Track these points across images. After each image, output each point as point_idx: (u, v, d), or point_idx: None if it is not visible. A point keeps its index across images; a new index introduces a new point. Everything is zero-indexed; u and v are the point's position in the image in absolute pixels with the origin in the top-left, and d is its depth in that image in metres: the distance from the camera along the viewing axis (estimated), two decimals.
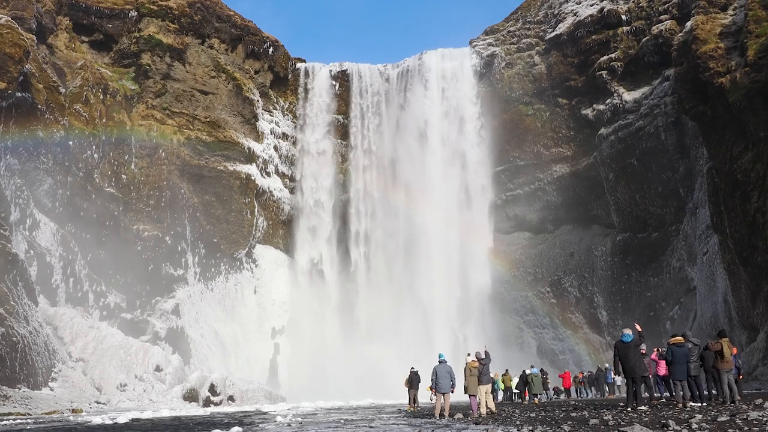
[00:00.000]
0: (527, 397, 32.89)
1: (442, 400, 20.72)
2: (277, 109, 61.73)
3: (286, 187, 60.83)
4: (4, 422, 24.10)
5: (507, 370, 35.25)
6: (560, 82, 54.62)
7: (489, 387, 21.01)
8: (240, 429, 16.40)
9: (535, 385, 32.30)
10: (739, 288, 36.06)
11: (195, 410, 33.37)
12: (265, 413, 27.83)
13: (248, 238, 57.13)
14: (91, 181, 48.18)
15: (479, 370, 20.61)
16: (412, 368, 28.94)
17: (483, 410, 20.32)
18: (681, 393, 18.18)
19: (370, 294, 57.56)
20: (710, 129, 37.85)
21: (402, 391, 42.86)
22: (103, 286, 46.93)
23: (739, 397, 18.81)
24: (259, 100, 59.56)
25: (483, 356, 21.19)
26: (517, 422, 16.12)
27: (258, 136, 58.67)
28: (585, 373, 40.20)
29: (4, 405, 30.08)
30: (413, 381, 28.38)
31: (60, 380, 37.20)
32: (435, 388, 20.87)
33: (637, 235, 50.57)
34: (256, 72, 60.67)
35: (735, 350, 20.59)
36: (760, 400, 18.13)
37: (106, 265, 47.63)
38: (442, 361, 20.90)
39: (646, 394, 22.17)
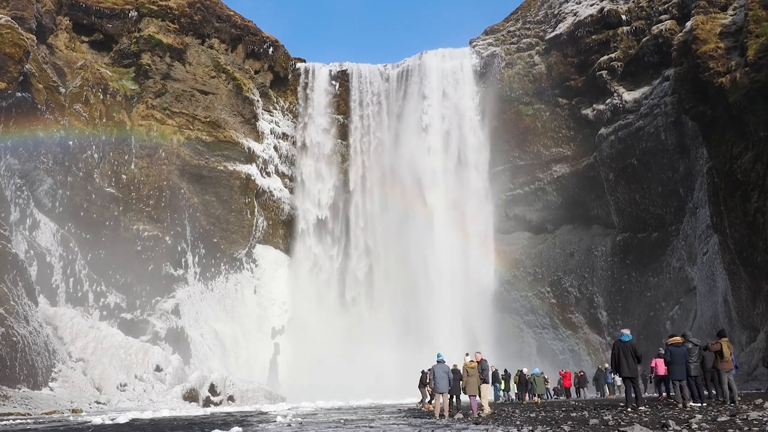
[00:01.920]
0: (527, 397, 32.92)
1: (441, 400, 20.76)
2: (277, 109, 61.73)
3: (286, 187, 60.82)
4: (4, 422, 24.10)
5: (521, 370, 34.87)
6: (560, 82, 54.61)
7: (487, 387, 21.12)
8: (240, 429, 16.41)
9: (538, 385, 32.40)
10: (739, 288, 36.06)
11: (195, 410, 33.38)
12: (265, 413, 27.84)
13: (248, 238, 57.13)
14: (91, 181, 48.18)
15: (480, 371, 20.71)
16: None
17: (486, 409, 20.38)
18: (681, 393, 18.20)
19: (370, 293, 57.58)
20: (710, 129, 37.84)
21: (402, 391, 43.04)
22: (103, 286, 46.93)
23: (739, 397, 18.82)
24: (259, 100, 59.56)
25: (480, 359, 21.33)
26: (517, 422, 16.13)
27: (258, 136, 58.68)
28: (580, 374, 40.05)
29: (4, 405, 30.08)
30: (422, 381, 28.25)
31: (60, 380, 37.20)
32: (433, 388, 20.94)
33: (637, 235, 50.57)
34: (256, 72, 60.67)
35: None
36: (760, 400, 18.13)
37: (106, 265, 47.63)
38: (440, 361, 20.96)
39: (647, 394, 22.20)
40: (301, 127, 62.12)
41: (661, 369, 22.96)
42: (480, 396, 20.54)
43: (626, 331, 18.07)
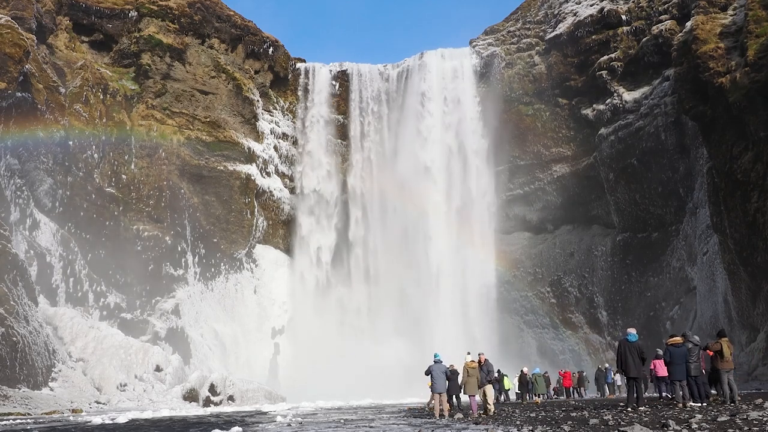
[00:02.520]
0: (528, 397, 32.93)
1: (439, 400, 20.84)
2: (277, 109, 61.74)
3: (286, 187, 60.81)
4: (4, 422, 24.10)
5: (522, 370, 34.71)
6: (560, 82, 54.62)
7: (491, 387, 21.12)
8: (240, 429, 16.41)
9: (539, 385, 32.42)
10: (739, 288, 36.07)
11: (195, 410, 33.38)
12: (265, 413, 27.85)
13: (248, 238, 57.12)
14: (91, 181, 48.18)
15: (483, 371, 20.80)
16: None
17: (491, 409, 20.39)
18: (681, 393, 18.20)
19: (370, 293, 57.54)
20: (710, 129, 37.85)
21: (402, 391, 43.02)
22: (103, 286, 46.92)
23: (739, 397, 18.82)
24: (259, 100, 59.56)
25: (482, 361, 21.37)
26: (517, 422, 16.13)
27: (258, 136, 58.68)
28: (579, 374, 39.93)
29: (4, 405, 30.08)
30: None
31: (60, 380, 37.19)
32: (431, 388, 21.07)
33: (637, 235, 50.57)
34: (256, 72, 60.67)
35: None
36: (760, 400, 18.13)
37: (106, 265, 47.62)
38: (437, 362, 21.07)
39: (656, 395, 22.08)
40: (300, 127, 62.05)
41: (661, 370, 22.93)
42: (485, 395, 20.61)
43: (632, 331, 18.04)
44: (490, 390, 20.89)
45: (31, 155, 42.93)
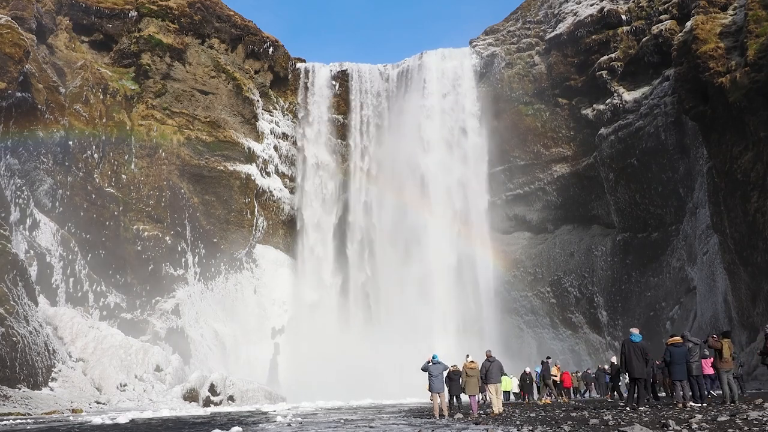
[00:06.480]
0: (526, 397, 32.93)
1: (438, 400, 20.88)
2: (277, 109, 61.73)
3: (286, 187, 60.82)
4: (4, 422, 24.10)
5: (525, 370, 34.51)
6: (560, 82, 54.60)
7: (497, 386, 21.06)
8: (240, 429, 16.41)
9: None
10: (739, 288, 36.06)
11: (195, 410, 33.37)
12: (265, 413, 27.84)
13: (248, 238, 57.13)
14: (91, 181, 48.19)
15: (486, 369, 20.85)
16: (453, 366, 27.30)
17: (496, 409, 20.37)
18: (681, 393, 18.19)
19: (370, 293, 57.55)
20: (710, 129, 37.84)
21: (402, 391, 43.00)
22: (103, 286, 46.93)
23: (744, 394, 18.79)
24: (259, 100, 59.56)
25: (486, 358, 21.40)
26: (517, 422, 16.13)
27: (258, 136, 58.69)
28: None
29: (4, 405, 30.08)
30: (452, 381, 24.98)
31: (60, 380, 37.19)
32: (429, 388, 21.16)
33: (637, 235, 50.55)
34: (256, 72, 60.68)
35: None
36: (760, 400, 18.13)
37: (106, 265, 47.63)
38: (436, 362, 21.11)
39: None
40: (300, 126, 62.06)
41: (707, 368, 21.67)
42: (493, 394, 20.66)
43: (636, 331, 17.95)
44: (495, 389, 20.84)
45: (31, 155, 42.95)
